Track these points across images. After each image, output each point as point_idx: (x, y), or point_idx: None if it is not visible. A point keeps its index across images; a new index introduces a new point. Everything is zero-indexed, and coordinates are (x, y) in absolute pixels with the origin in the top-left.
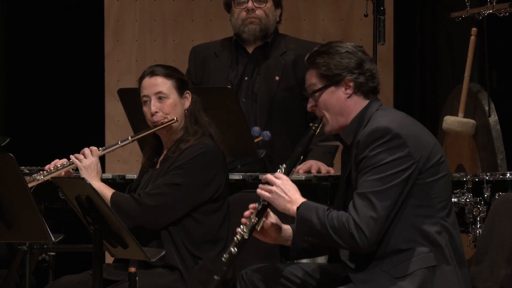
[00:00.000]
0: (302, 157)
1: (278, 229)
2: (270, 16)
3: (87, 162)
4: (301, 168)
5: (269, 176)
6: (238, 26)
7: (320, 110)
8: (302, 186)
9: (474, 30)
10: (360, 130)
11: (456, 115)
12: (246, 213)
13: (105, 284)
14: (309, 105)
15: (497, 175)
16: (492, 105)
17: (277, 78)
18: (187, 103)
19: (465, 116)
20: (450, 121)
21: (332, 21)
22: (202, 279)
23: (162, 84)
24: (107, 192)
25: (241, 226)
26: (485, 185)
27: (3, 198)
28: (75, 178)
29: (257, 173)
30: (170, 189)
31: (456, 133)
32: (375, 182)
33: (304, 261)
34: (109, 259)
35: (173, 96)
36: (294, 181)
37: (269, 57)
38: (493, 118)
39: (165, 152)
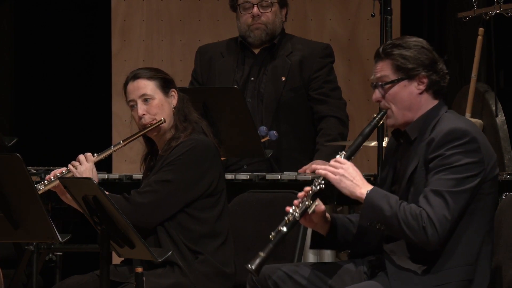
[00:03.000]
0: (361, 146)
1: (323, 216)
2: (276, 20)
3: (82, 168)
4: (308, 168)
5: (333, 162)
6: (244, 31)
7: (388, 102)
8: (309, 184)
9: (481, 30)
10: (428, 128)
11: (464, 115)
12: (300, 194)
13: (112, 285)
14: (374, 96)
15: (504, 175)
16: (499, 105)
17: (283, 78)
18: (174, 101)
19: (472, 116)
20: None
21: (339, 21)
22: (205, 272)
23: (145, 86)
24: None
25: (293, 207)
26: None
27: (11, 198)
28: (82, 178)
29: (264, 173)
30: (160, 186)
31: None
32: (451, 182)
33: (311, 259)
34: (116, 260)
35: (158, 96)
36: (301, 181)
37: (276, 57)
38: (500, 118)
39: (159, 153)
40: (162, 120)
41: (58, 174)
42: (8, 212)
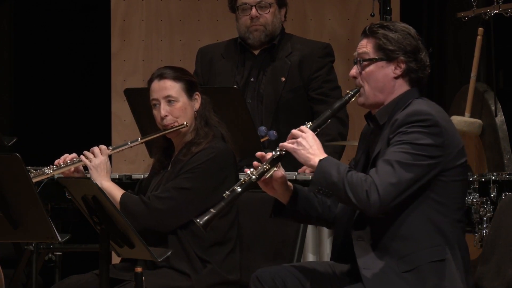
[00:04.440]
0: (329, 120)
1: (283, 183)
2: (275, 21)
3: (96, 161)
4: (308, 168)
5: (294, 130)
6: (243, 33)
7: (362, 80)
8: (308, 185)
9: (480, 30)
10: (397, 112)
11: (463, 115)
12: (259, 153)
13: (112, 284)
14: (351, 71)
15: (504, 175)
16: (499, 105)
17: (283, 79)
18: (197, 105)
19: (471, 116)
20: (457, 121)
21: (339, 21)
22: (210, 281)
23: (171, 87)
24: (117, 192)
25: (251, 169)
26: (491, 185)
27: (10, 198)
28: (81, 178)
29: None
30: (179, 193)
31: (463, 133)
32: (404, 155)
33: (310, 260)
34: (116, 259)
35: (183, 99)
36: (300, 182)
37: (275, 58)
38: (500, 118)
39: (176, 154)
40: (184, 124)
41: (68, 161)
42: (7, 212)
